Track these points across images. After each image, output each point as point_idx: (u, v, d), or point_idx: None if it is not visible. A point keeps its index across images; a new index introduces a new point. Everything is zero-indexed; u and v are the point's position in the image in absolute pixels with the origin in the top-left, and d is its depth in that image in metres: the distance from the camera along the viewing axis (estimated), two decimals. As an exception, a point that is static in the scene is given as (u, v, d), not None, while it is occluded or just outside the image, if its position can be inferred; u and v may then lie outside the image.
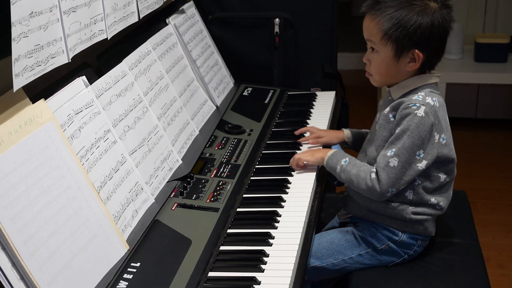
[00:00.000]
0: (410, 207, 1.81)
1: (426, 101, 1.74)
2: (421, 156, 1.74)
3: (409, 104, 1.74)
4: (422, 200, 1.81)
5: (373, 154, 1.84)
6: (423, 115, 1.72)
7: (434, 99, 1.76)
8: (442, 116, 1.77)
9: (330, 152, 1.90)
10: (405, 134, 1.73)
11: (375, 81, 1.87)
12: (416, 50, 1.75)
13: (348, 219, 1.97)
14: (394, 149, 1.74)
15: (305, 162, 1.96)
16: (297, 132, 2.22)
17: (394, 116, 1.78)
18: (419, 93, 1.77)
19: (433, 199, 1.82)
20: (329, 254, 1.87)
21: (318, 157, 1.93)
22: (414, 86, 1.79)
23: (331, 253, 1.87)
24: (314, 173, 1.96)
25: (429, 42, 1.75)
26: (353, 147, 2.13)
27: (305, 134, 2.22)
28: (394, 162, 1.73)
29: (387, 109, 1.81)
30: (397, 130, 1.74)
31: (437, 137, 1.76)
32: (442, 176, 1.81)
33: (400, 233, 1.84)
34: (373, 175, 1.76)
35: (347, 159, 1.85)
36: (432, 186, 1.81)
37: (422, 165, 1.75)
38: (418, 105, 1.73)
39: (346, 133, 2.13)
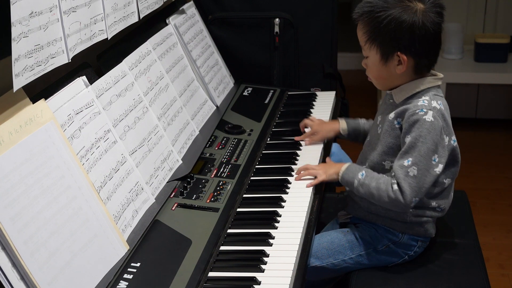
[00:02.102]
0: (411, 210, 1.80)
1: (433, 105, 1.72)
2: (437, 160, 1.72)
3: (415, 111, 1.71)
4: (424, 204, 1.80)
5: (376, 159, 1.82)
6: (432, 120, 1.70)
7: (439, 102, 1.74)
8: (448, 119, 1.76)
9: (344, 166, 1.85)
10: (419, 142, 1.69)
11: (376, 84, 1.87)
12: (399, 52, 1.73)
13: (348, 219, 1.96)
14: (411, 158, 1.70)
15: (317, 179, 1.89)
16: (302, 125, 2.25)
17: (399, 123, 1.76)
18: (423, 98, 1.75)
19: (434, 203, 1.81)
20: (329, 254, 1.87)
21: (332, 173, 1.88)
22: (416, 89, 1.77)
23: (332, 253, 1.87)
24: (314, 173, 1.96)
25: (411, 44, 1.72)
26: (349, 138, 2.13)
27: (305, 129, 2.23)
28: (413, 171, 1.70)
29: (392, 115, 1.78)
30: (409, 139, 1.71)
31: (446, 139, 1.74)
32: (447, 181, 1.81)
33: (400, 234, 1.84)
34: (395, 187, 1.72)
35: (364, 172, 1.80)
36: (436, 192, 1.80)
37: (438, 169, 1.72)
38: (425, 110, 1.71)
39: (342, 124, 2.12)
